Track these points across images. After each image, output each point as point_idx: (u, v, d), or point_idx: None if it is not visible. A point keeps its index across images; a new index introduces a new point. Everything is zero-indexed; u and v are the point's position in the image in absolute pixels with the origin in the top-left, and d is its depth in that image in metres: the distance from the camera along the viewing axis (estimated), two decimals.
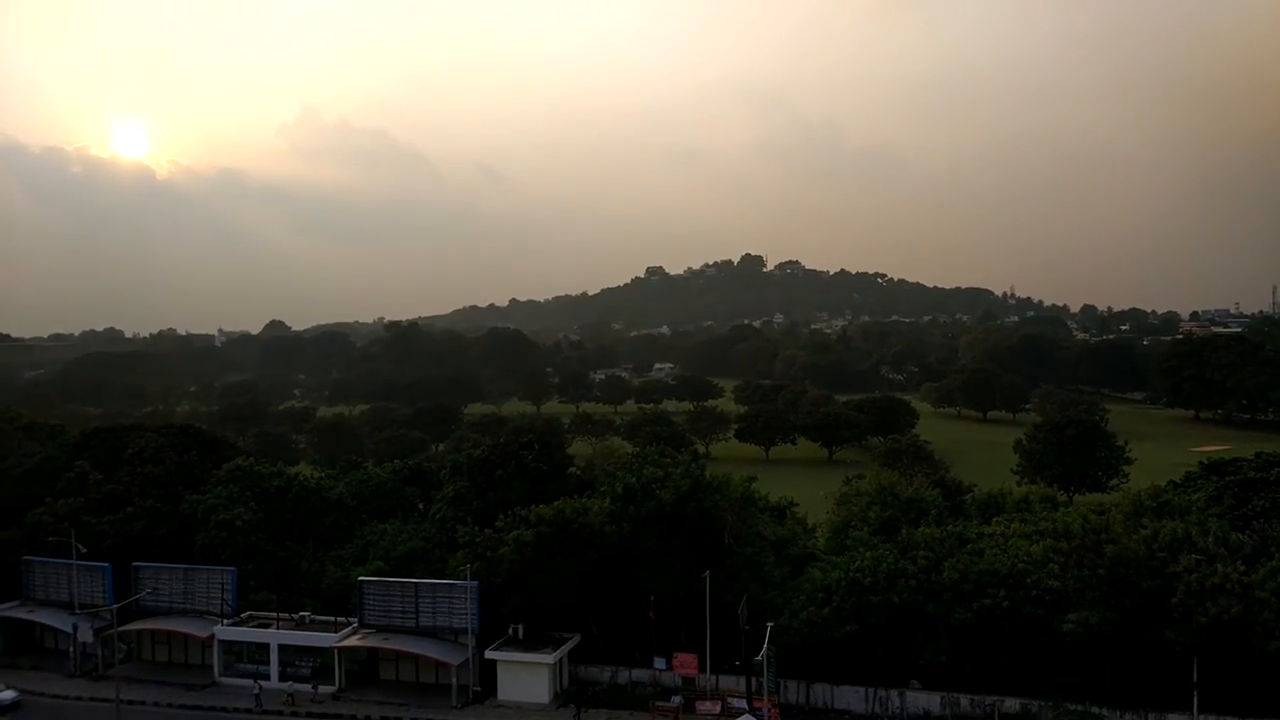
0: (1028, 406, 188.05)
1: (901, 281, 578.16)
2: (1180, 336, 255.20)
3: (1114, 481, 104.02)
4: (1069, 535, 48.24)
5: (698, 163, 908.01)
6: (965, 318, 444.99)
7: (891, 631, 47.89)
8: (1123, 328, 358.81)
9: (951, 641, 46.96)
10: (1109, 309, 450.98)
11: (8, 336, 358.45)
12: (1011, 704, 46.63)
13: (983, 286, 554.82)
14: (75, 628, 57.97)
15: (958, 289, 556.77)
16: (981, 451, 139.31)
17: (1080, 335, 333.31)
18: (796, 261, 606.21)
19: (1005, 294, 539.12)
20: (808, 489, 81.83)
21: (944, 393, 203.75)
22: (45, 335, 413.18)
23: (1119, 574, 44.51)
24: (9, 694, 53.04)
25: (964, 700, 47.32)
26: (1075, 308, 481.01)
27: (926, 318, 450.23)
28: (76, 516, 60.66)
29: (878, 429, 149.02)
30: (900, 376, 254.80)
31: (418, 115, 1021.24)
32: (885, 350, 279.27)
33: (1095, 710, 45.27)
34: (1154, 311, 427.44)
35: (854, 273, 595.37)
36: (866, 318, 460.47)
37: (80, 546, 57.57)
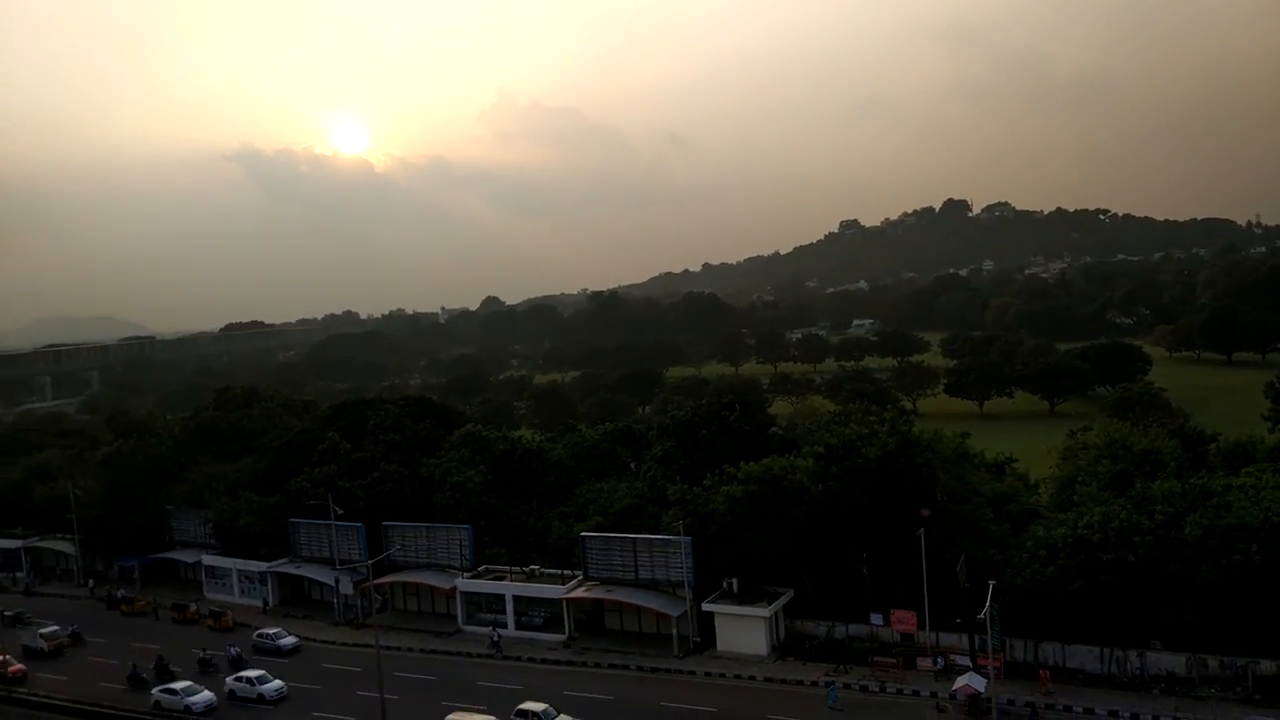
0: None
1: (1127, 217, 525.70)
2: None
3: None
4: None
5: (887, 111, 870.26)
6: (1203, 252, 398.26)
7: (1124, 589, 45.18)
8: None
9: (1196, 600, 43.76)
10: None
11: (261, 323, 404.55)
12: (1267, 666, 42.88)
13: (1223, 216, 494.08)
14: (337, 581, 65.54)
15: (1193, 221, 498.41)
16: (1226, 397, 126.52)
17: None
18: (1006, 203, 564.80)
19: (1250, 223, 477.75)
20: (1028, 444, 78.01)
21: (1180, 335, 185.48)
22: (293, 320, 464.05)
23: None
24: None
25: (1212, 662, 44.01)
26: None
27: (1158, 255, 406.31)
28: (331, 482, 68.00)
29: (1105, 378, 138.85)
30: (1129, 320, 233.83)
31: (605, 91, 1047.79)
32: (1111, 293, 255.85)
33: None
34: None
35: (1072, 211, 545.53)
36: (1088, 259, 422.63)
37: (337, 509, 64.97)
